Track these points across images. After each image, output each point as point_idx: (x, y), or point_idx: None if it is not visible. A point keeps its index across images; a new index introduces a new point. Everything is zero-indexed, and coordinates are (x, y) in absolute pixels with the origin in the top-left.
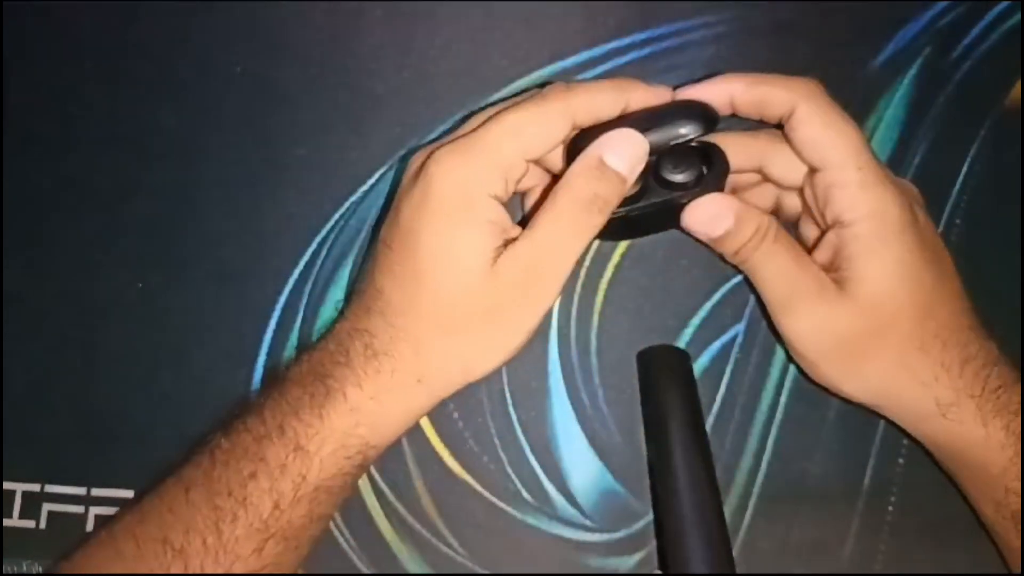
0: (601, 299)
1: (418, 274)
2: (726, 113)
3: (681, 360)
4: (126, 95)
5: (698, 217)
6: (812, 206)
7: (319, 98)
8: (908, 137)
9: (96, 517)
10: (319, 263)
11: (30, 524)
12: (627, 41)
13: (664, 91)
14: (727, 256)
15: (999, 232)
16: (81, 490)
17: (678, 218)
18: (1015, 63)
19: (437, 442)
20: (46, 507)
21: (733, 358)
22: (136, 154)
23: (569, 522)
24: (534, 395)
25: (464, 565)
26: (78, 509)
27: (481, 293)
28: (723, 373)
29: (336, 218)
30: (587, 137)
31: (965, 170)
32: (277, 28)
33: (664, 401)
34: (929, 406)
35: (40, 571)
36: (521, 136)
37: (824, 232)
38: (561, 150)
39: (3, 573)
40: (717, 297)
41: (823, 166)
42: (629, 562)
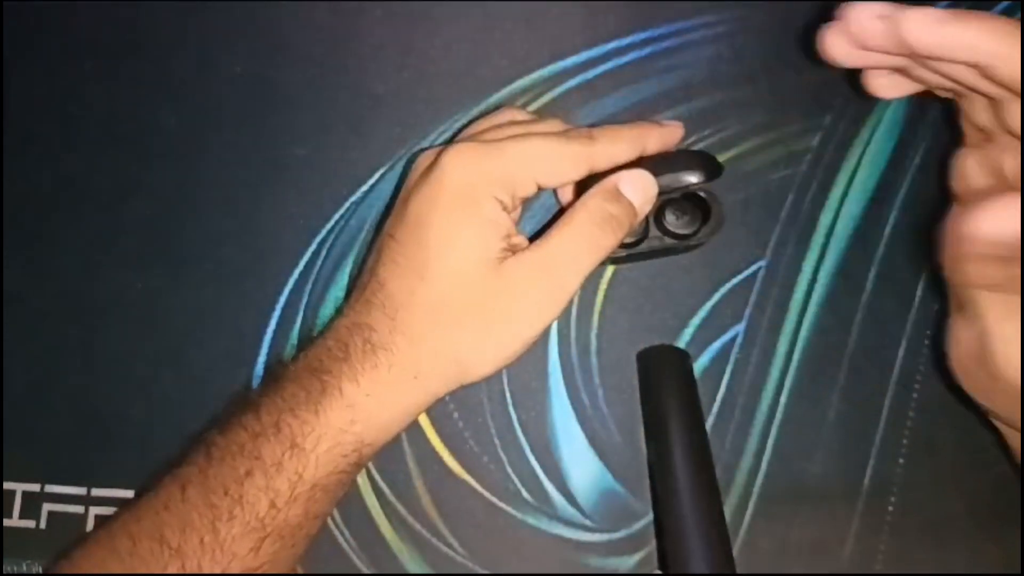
0: (601, 299)
1: (423, 265)
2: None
3: (681, 360)
4: (126, 95)
5: None
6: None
7: (319, 98)
8: (908, 137)
9: (96, 517)
10: (319, 263)
11: (30, 524)
12: (627, 41)
13: (676, 128)
14: None
15: None
16: (81, 490)
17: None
18: None
19: (437, 442)
20: (46, 507)
21: (733, 358)
22: (136, 154)
23: (569, 522)
24: (534, 395)
25: (464, 565)
26: (78, 509)
27: (483, 291)
28: (723, 373)
29: (336, 218)
30: (602, 173)
31: None
32: (277, 28)
33: (664, 401)
34: None
35: (40, 571)
36: (537, 164)
37: None
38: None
39: (3, 573)
40: (717, 297)
41: None
42: (629, 562)
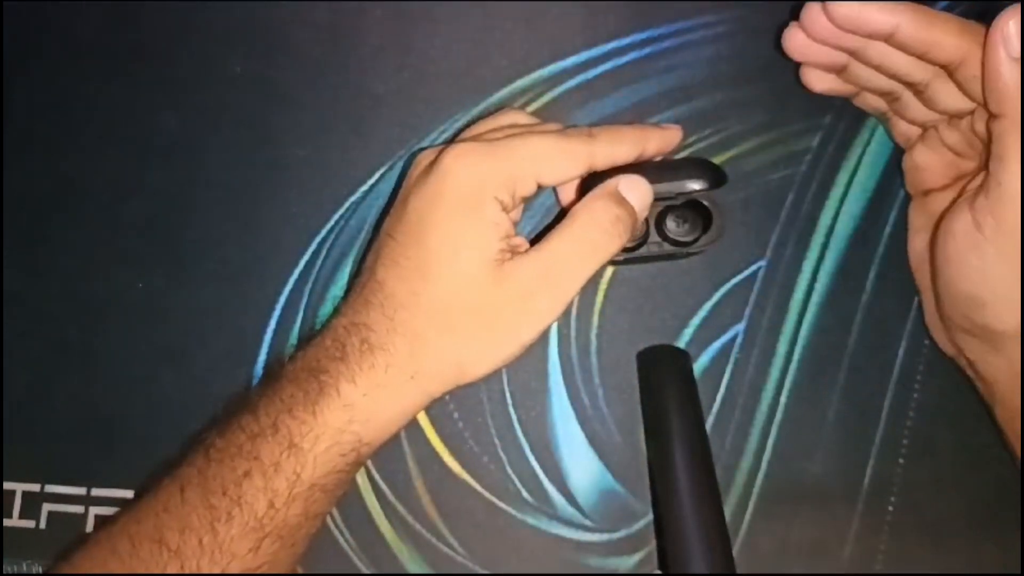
0: (601, 299)
1: (423, 264)
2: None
3: (681, 360)
4: (126, 95)
5: None
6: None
7: (319, 98)
8: None
9: (96, 517)
10: (319, 263)
11: (30, 524)
12: (627, 41)
13: (675, 131)
14: None
15: None
16: (81, 490)
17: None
18: None
19: (437, 442)
20: (46, 507)
21: (733, 358)
22: (136, 154)
23: (569, 522)
24: (534, 395)
25: (464, 565)
26: (78, 509)
27: (482, 293)
28: (723, 373)
29: (336, 218)
30: (603, 175)
31: None
32: (277, 28)
33: (664, 401)
34: None
35: (40, 571)
36: (537, 161)
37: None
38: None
39: (3, 573)
40: (717, 297)
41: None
42: (629, 562)
